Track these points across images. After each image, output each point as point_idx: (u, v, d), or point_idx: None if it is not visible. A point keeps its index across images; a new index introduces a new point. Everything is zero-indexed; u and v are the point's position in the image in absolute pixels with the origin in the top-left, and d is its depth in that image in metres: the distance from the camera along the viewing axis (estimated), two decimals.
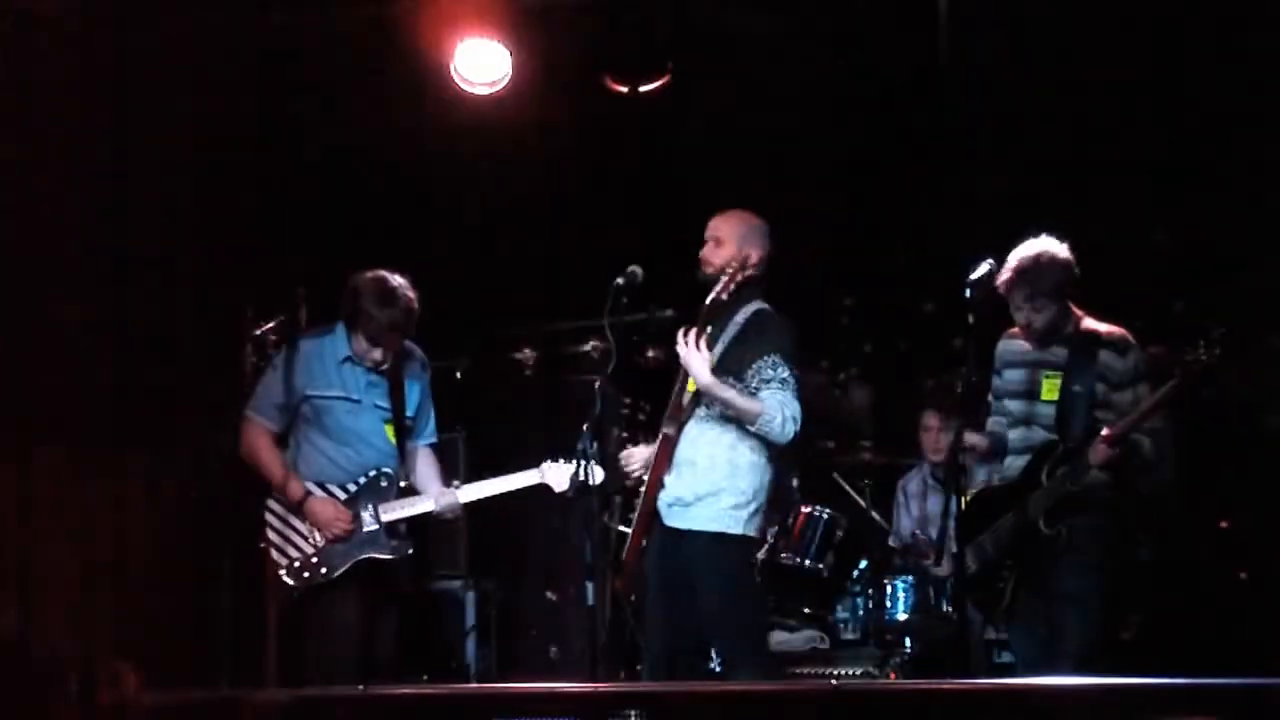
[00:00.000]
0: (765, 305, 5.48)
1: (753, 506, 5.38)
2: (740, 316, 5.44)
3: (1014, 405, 5.47)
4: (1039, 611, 5.34)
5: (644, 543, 5.51)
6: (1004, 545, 5.36)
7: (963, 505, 5.37)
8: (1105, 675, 4.76)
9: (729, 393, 5.29)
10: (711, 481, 5.36)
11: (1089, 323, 5.42)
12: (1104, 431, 5.19)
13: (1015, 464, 5.42)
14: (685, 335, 5.34)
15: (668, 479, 5.43)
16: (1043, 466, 5.30)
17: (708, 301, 5.39)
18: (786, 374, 5.33)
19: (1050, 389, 5.38)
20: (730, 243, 5.47)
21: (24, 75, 5.89)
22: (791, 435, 5.33)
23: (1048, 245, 5.38)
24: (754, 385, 5.32)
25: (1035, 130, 7.21)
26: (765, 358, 5.34)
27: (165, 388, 6.19)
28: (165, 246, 6.29)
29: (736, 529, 5.36)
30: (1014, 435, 5.47)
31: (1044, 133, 7.22)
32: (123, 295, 6.12)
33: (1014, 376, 5.49)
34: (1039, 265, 5.33)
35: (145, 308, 6.19)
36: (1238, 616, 6.79)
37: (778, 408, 5.28)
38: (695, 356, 5.31)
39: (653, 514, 5.46)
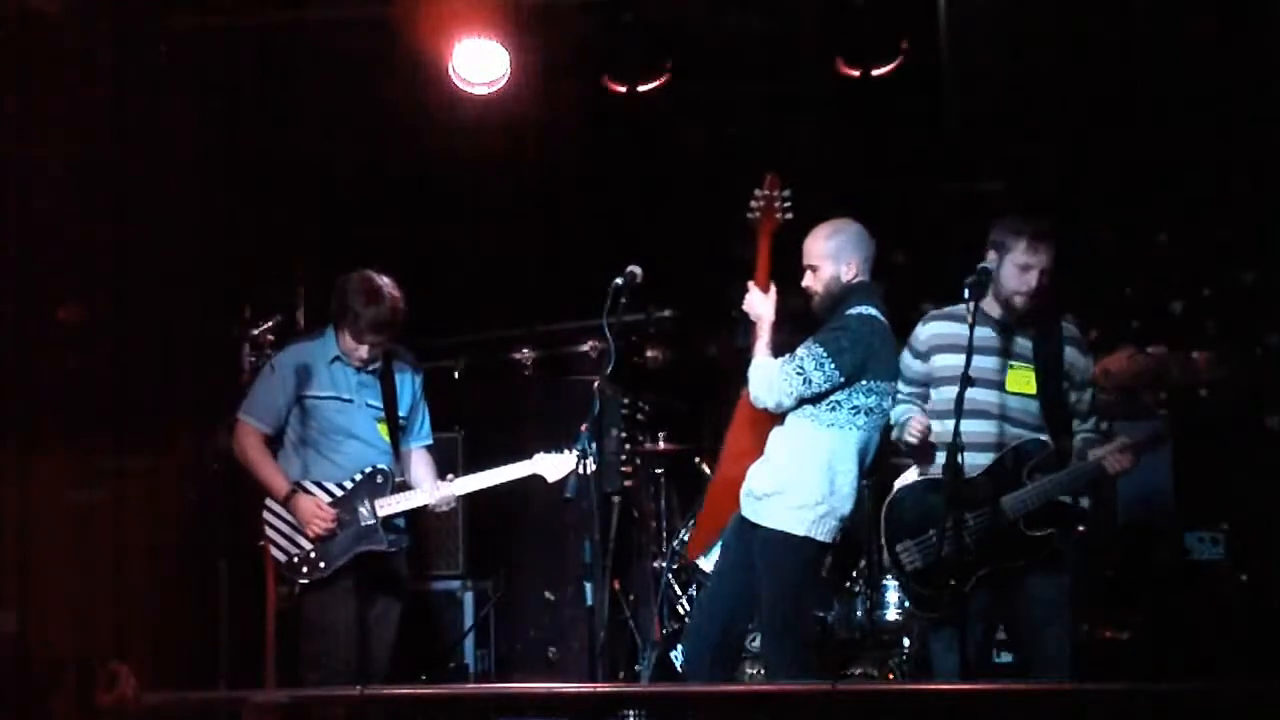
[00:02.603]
0: (869, 310, 5.38)
1: (821, 509, 5.33)
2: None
3: (969, 392, 5.02)
4: (996, 616, 5.19)
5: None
6: (966, 544, 5.03)
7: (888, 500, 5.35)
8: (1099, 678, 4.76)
9: (765, 337, 5.43)
10: (779, 480, 5.37)
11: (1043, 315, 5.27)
12: (1126, 440, 5.04)
13: (973, 461, 5.09)
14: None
15: (752, 468, 5.46)
16: (1024, 466, 5.10)
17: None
18: (805, 355, 5.30)
19: (1018, 381, 5.16)
20: (825, 263, 5.47)
21: (24, 75, 5.89)
22: (765, 406, 5.38)
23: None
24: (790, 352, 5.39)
25: (1035, 131, 7.21)
26: (812, 340, 5.35)
27: (165, 388, 6.19)
28: (165, 246, 6.29)
29: (799, 530, 5.33)
30: (978, 427, 5.14)
31: (1044, 133, 7.22)
32: (123, 295, 6.13)
33: (976, 363, 5.08)
34: (1053, 232, 5.23)
35: (145, 308, 6.20)
36: (1237, 617, 6.79)
37: (766, 373, 5.37)
38: (754, 292, 5.45)
39: (727, 494, 5.52)
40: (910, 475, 7.01)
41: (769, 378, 5.34)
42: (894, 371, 5.38)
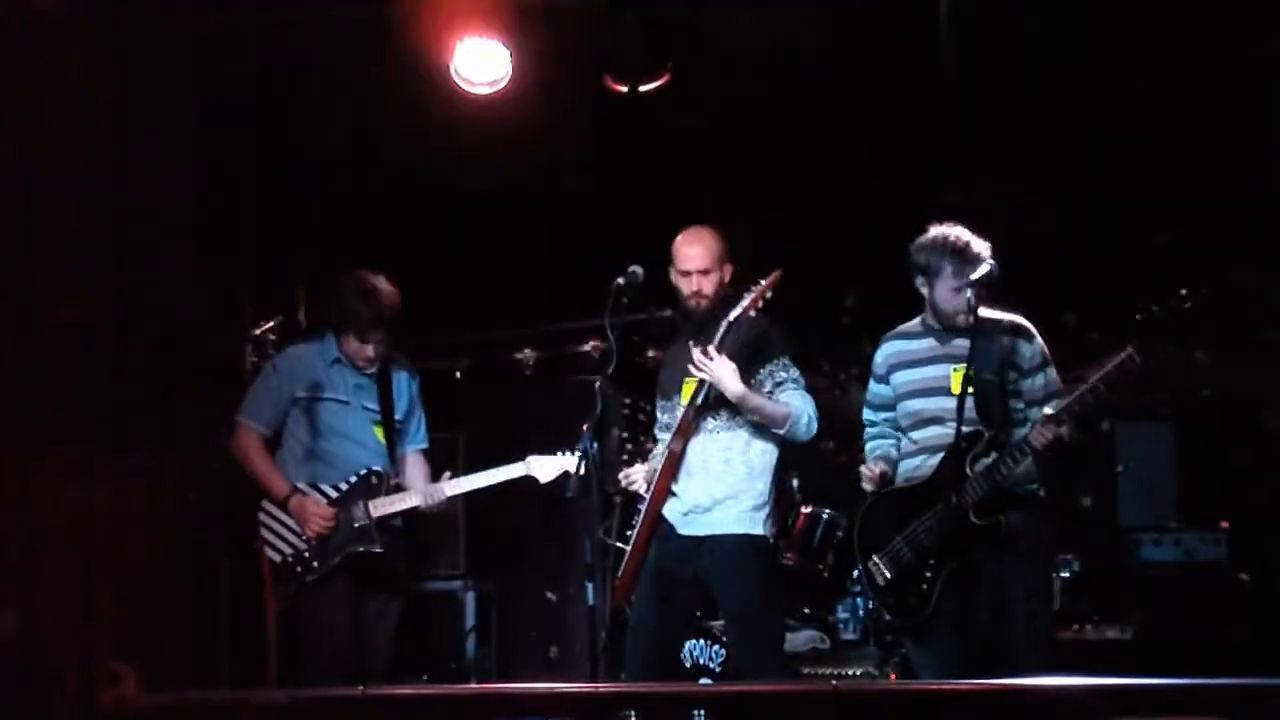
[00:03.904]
0: (753, 314, 5.47)
1: (768, 508, 5.45)
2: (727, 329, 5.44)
3: (919, 404, 5.27)
4: (967, 613, 5.17)
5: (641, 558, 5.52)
6: (925, 546, 5.16)
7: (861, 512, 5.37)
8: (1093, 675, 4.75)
9: (758, 399, 5.34)
10: (729, 485, 5.41)
11: (984, 311, 5.25)
12: (1047, 411, 5.05)
13: (927, 463, 5.22)
14: (704, 351, 5.34)
15: (677, 489, 5.43)
16: (966, 458, 5.10)
17: (732, 318, 5.37)
18: (797, 374, 5.43)
19: (960, 382, 5.17)
20: (715, 267, 5.48)
21: (24, 75, 5.89)
22: (814, 432, 5.43)
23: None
24: (768, 389, 5.35)
25: (1035, 130, 7.21)
26: (775, 361, 5.41)
27: (165, 388, 6.20)
28: (165, 246, 6.29)
29: (758, 530, 5.42)
30: (921, 435, 5.27)
31: (1044, 133, 7.22)
32: (123, 295, 6.13)
33: (916, 375, 5.30)
34: (979, 244, 5.23)
35: (145, 307, 6.20)
36: (1239, 617, 6.79)
37: (801, 407, 5.39)
38: (722, 367, 5.30)
39: (653, 528, 5.47)
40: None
41: (806, 412, 5.37)
42: None
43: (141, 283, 6.15)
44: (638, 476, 5.61)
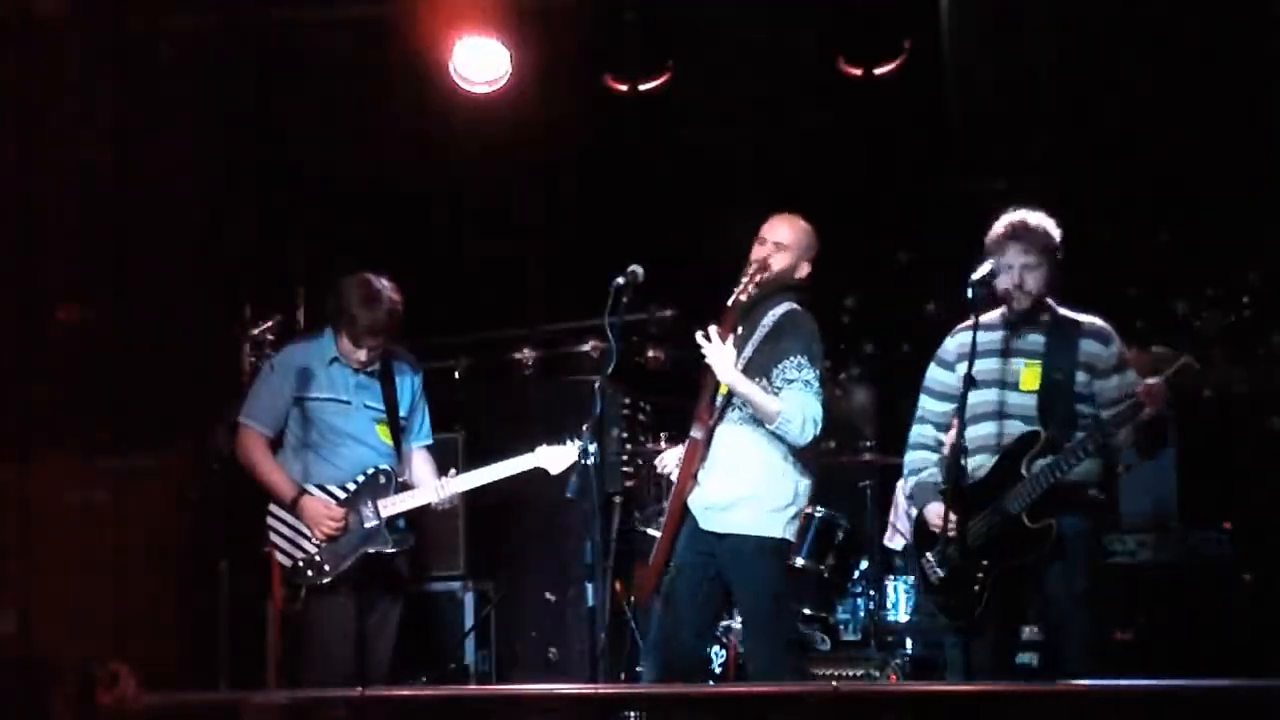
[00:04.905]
0: (797, 307, 5.41)
1: (792, 510, 5.36)
2: (769, 318, 5.39)
3: (982, 396, 5.14)
4: (1017, 614, 5.15)
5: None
6: (978, 546, 5.07)
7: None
8: (1109, 677, 4.73)
9: (751, 387, 5.26)
10: (749, 484, 5.33)
11: (1065, 311, 5.22)
12: (1146, 410, 4.96)
13: (985, 462, 5.14)
14: (709, 331, 5.31)
15: (702, 481, 5.42)
16: (1022, 459, 5.05)
17: (729, 303, 5.36)
18: (811, 376, 5.28)
19: (1030, 378, 5.12)
20: (791, 250, 5.41)
21: (24, 75, 5.90)
22: (810, 438, 5.28)
23: (1037, 213, 5.24)
24: (777, 385, 5.29)
25: (1036, 130, 7.21)
26: (791, 359, 5.29)
27: (165, 388, 6.19)
28: (165, 246, 6.29)
29: (776, 532, 5.34)
30: (981, 430, 5.16)
31: (1044, 133, 7.22)
32: (123, 295, 6.13)
33: (983, 366, 5.14)
34: (1031, 224, 5.17)
35: (145, 308, 6.20)
36: (1242, 618, 6.77)
37: (798, 408, 5.24)
38: (719, 350, 5.26)
39: (680, 517, 5.45)
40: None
41: (802, 414, 5.24)
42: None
43: (141, 283, 6.16)
44: (671, 461, 5.58)
